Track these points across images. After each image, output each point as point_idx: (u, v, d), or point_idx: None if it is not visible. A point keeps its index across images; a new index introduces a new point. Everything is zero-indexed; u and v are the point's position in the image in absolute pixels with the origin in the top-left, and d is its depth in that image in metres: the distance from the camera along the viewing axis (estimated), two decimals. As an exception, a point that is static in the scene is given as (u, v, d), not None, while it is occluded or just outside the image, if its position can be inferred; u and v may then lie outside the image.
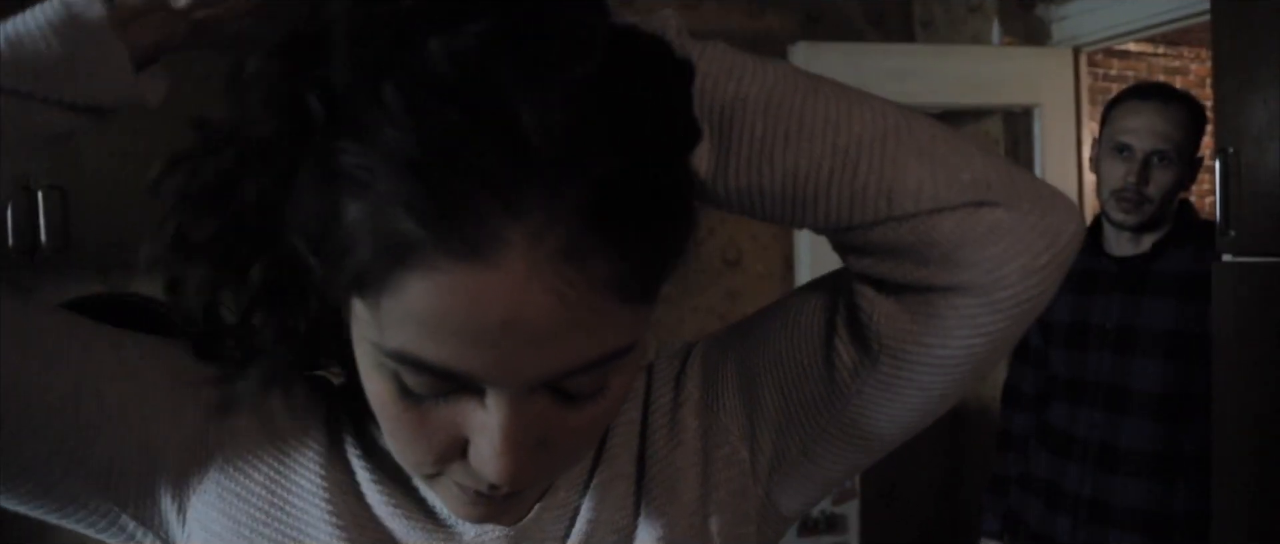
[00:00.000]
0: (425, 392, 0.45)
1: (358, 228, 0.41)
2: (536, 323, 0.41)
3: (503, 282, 0.40)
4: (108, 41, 0.52)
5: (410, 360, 0.43)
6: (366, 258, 0.41)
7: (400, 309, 0.42)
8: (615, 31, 0.43)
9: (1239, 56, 1.61)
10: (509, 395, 0.44)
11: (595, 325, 0.43)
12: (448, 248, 0.40)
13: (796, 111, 0.50)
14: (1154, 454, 1.75)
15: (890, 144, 0.50)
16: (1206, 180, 1.82)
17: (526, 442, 0.45)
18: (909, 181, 0.50)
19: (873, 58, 2.82)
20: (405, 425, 0.47)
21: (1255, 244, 1.59)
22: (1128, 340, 1.79)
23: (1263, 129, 1.57)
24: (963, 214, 0.50)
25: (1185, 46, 5.14)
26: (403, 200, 0.39)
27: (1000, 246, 0.50)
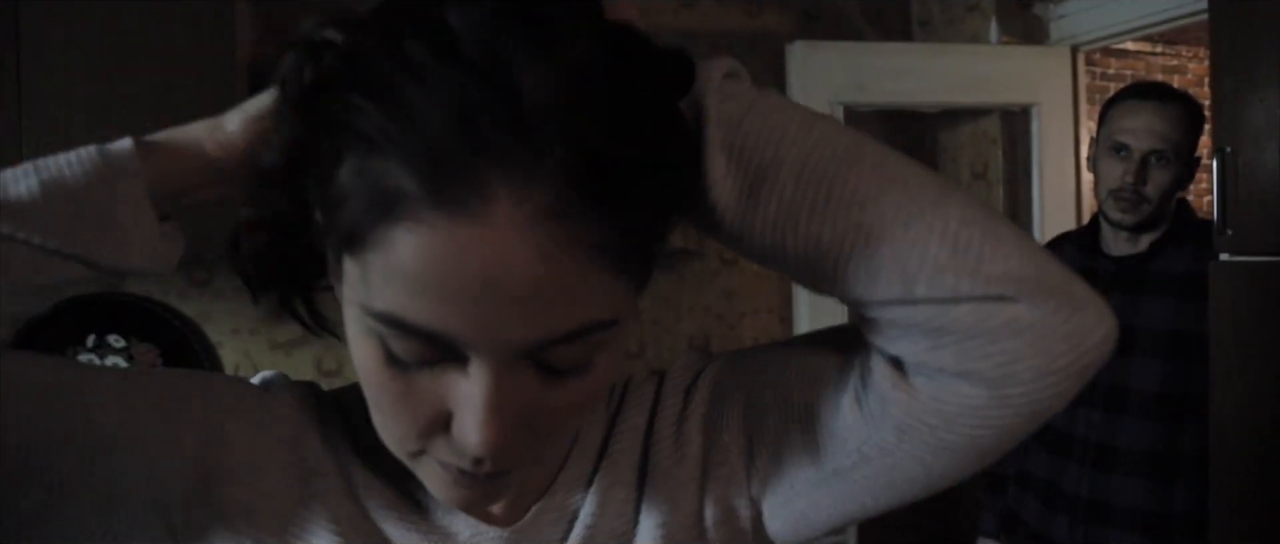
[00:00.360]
0: (411, 359, 0.45)
1: (353, 182, 0.43)
2: (518, 281, 0.42)
3: (486, 236, 0.41)
4: (144, 206, 0.52)
5: (395, 322, 0.44)
6: (358, 212, 0.43)
7: (387, 266, 0.43)
8: (615, 22, 0.45)
9: (1237, 56, 1.61)
10: (492, 364, 0.44)
11: (577, 291, 0.44)
12: (436, 202, 0.41)
13: (827, 182, 0.49)
14: (1152, 454, 1.75)
15: (915, 227, 0.49)
16: (1204, 179, 1.81)
17: (509, 414, 0.45)
18: (927, 268, 0.49)
19: (870, 56, 2.82)
20: (390, 396, 0.47)
21: (1253, 243, 1.59)
22: (1126, 340, 1.77)
23: (1261, 128, 1.56)
24: (980, 306, 0.49)
25: (1183, 46, 5.14)
26: (398, 155, 0.41)
27: (1016, 343, 0.49)
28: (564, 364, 0.47)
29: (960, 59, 2.84)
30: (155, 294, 2.42)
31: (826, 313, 2.81)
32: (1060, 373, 0.50)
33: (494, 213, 0.41)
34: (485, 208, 0.41)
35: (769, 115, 0.51)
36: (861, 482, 0.57)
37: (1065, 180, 2.90)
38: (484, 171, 0.41)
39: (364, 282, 0.45)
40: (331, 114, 0.44)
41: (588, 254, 0.43)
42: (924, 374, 0.52)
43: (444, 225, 0.41)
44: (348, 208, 0.44)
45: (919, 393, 0.52)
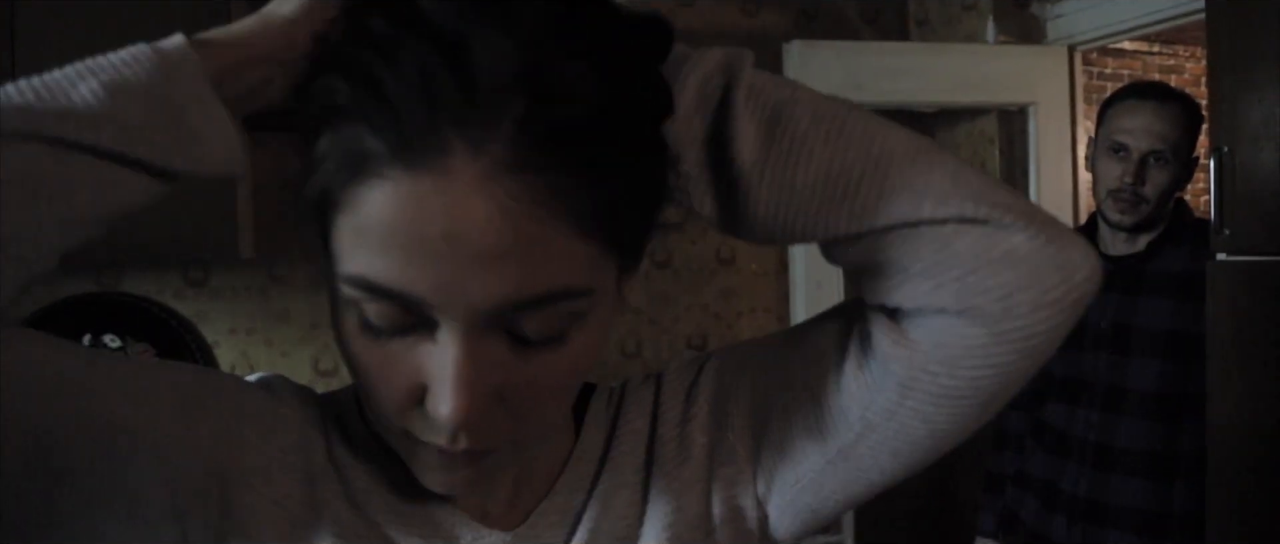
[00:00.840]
0: (383, 324, 0.46)
1: (326, 151, 0.46)
2: (481, 236, 0.43)
3: (446, 189, 0.42)
4: (214, 102, 0.50)
5: (364, 284, 0.45)
6: (330, 177, 0.46)
7: (355, 226, 0.45)
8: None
9: (1234, 55, 1.61)
10: (460, 330, 0.45)
11: (544, 251, 0.44)
12: (397, 158, 0.43)
13: (840, 119, 0.53)
14: (1150, 454, 1.75)
15: (921, 159, 0.53)
16: (1201, 179, 1.81)
17: (480, 385, 0.46)
18: (933, 190, 0.52)
19: (867, 56, 2.81)
20: (369, 366, 0.48)
21: (1250, 243, 1.59)
22: (1124, 340, 1.79)
23: (1258, 128, 1.56)
24: (982, 232, 0.51)
25: (1180, 45, 5.14)
26: (365, 119, 0.44)
27: (1014, 274, 0.51)
28: (536, 334, 0.47)
29: (957, 58, 2.84)
30: (151, 294, 2.42)
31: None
32: (1055, 305, 0.52)
33: (452, 166, 0.42)
34: (443, 161, 0.42)
35: (777, 75, 0.55)
36: (867, 454, 0.58)
37: (1062, 180, 2.91)
38: (442, 128, 0.42)
39: (338, 249, 0.46)
40: (313, 104, 0.47)
41: (550, 211, 0.44)
42: (923, 320, 0.54)
43: (405, 179, 0.43)
44: (319, 178, 0.46)
45: (919, 344, 0.54)
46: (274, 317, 2.53)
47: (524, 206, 0.43)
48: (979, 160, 3.06)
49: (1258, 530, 1.60)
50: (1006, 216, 0.51)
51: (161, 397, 0.53)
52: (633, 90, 0.47)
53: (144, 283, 2.42)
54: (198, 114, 0.49)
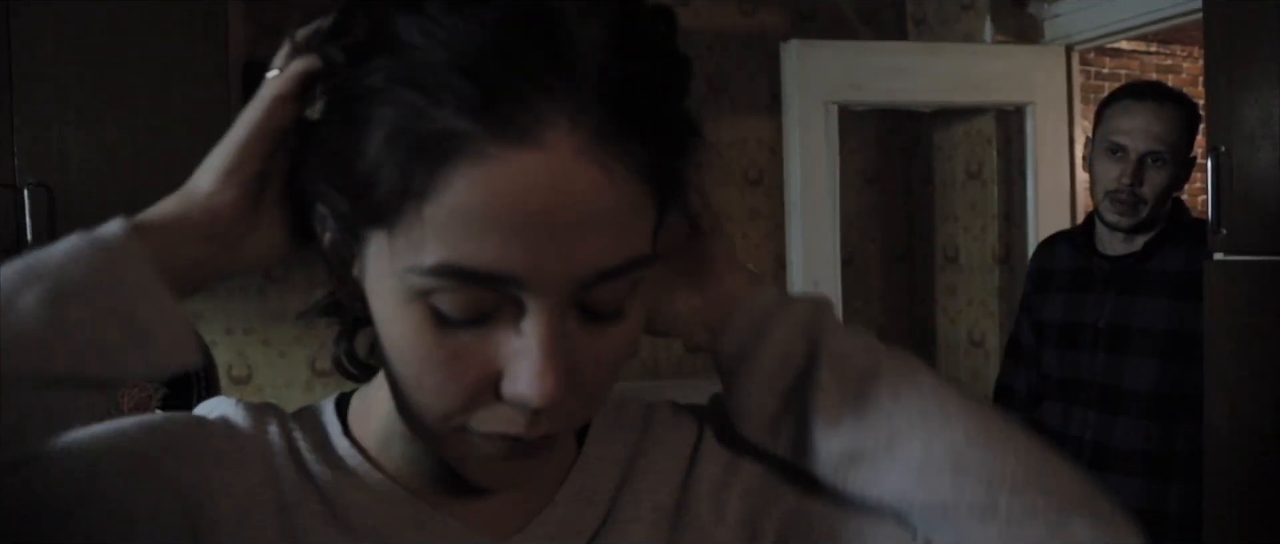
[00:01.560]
0: (462, 315, 0.45)
1: (386, 144, 0.43)
2: (580, 205, 0.43)
3: (549, 162, 0.42)
4: (163, 295, 0.48)
5: (453, 271, 0.43)
6: (401, 170, 0.43)
7: (444, 212, 0.43)
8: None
9: (1232, 55, 1.61)
10: (548, 306, 0.44)
11: (629, 218, 0.45)
12: (492, 134, 0.42)
13: (919, 395, 0.57)
14: (1147, 453, 1.75)
15: (996, 442, 0.56)
16: (1198, 179, 1.81)
17: (561, 363, 0.45)
18: (1007, 481, 0.54)
19: (865, 55, 2.81)
20: (436, 363, 0.46)
21: (1247, 243, 1.59)
22: (1120, 339, 1.79)
23: (1254, 128, 1.57)
24: (1051, 529, 0.55)
25: (1177, 45, 5.15)
26: (447, 96, 0.42)
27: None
28: (606, 307, 0.47)
29: (955, 58, 2.84)
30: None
31: (821, 312, 2.81)
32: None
33: (551, 137, 0.42)
34: (543, 133, 0.42)
35: (860, 336, 0.59)
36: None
37: (1060, 179, 2.91)
38: (536, 99, 0.42)
39: (409, 243, 0.44)
40: (348, 92, 0.45)
41: (636, 178, 0.44)
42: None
43: (506, 155, 0.42)
44: (384, 174, 0.44)
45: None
46: (271, 316, 2.53)
47: (618, 174, 0.43)
48: (976, 160, 3.07)
49: (1254, 530, 1.60)
50: (1077, 509, 0.56)
51: (109, 475, 0.51)
52: (674, 64, 0.48)
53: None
54: (148, 310, 0.47)
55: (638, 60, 0.44)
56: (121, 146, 2.00)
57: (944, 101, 2.90)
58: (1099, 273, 1.85)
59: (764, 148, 3.02)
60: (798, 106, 2.75)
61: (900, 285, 3.33)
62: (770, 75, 2.87)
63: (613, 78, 0.43)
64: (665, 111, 0.47)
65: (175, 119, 2.03)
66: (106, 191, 1.98)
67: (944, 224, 3.24)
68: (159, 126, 2.02)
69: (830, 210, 2.81)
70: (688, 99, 0.50)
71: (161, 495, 0.52)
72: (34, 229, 1.93)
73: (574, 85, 0.42)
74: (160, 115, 2.02)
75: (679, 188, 0.50)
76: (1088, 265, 1.87)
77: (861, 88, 2.78)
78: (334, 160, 0.46)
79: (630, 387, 2.70)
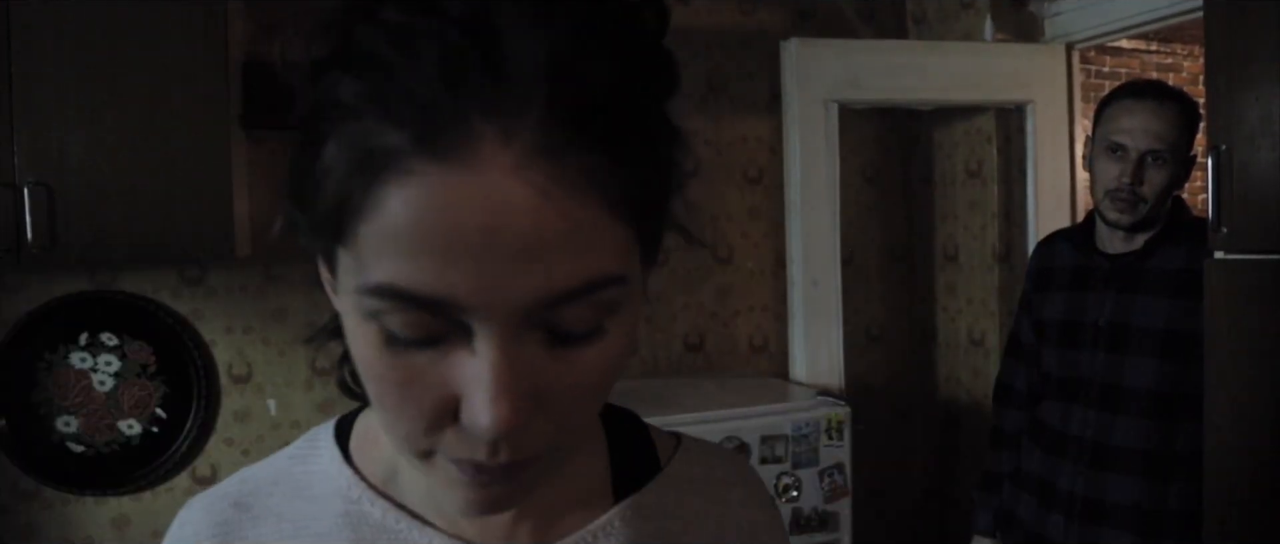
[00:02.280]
0: (411, 335, 0.43)
1: (335, 156, 0.42)
2: (518, 226, 0.40)
3: (479, 181, 0.40)
4: None
5: (392, 292, 0.42)
6: (344, 183, 0.42)
7: (380, 230, 0.41)
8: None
9: (1232, 53, 1.60)
10: (498, 332, 0.42)
11: (582, 238, 0.42)
12: (423, 150, 0.40)
13: None
14: (1147, 452, 1.75)
15: None
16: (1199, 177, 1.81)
17: (519, 389, 0.43)
18: None
19: (865, 54, 2.81)
20: (392, 384, 0.45)
21: (1247, 241, 1.59)
22: (1120, 338, 1.78)
23: (1255, 126, 1.56)
24: None
25: (1178, 43, 5.15)
26: (381, 112, 0.41)
27: None
28: (576, 327, 0.44)
29: (955, 56, 2.84)
30: (148, 292, 2.41)
31: (820, 313, 2.81)
32: None
33: (483, 154, 0.40)
34: (474, 148, 0.40)
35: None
36: None
37: (1060, 178, 2.91)
38: (469, 115, 0.40)
39: (356, 261, 0.43)
40: (315, 105, 0.44)
41: (586, 195, 0.42)
42: None
43: (434, 172, 0.40)
44: (331, 183, 0.43)
45: None
46: (271, 315, 2.53)
47: (560, 192, 0.41)
48: (976, 159, 3.07)
49: (1254, 529, 1.60)
50: None
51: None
52: (648, 67, 0.46)
53: (140, 281, 2.41)
54: None
55: (596, 69, 0.42)
56: (121, 145, 2.00)
57: (944, 100, 2.90)
58: (1099, 271, 1.85)
59: (764, 146, 3.02)
60: (797, 105, 2.75)
61: (900, 284, 3.33)
62: (770, 74, 2.87)
63: (560, 90, 0.41)
64: (630, 120, 0.44)
65: (175, 118, 2.03)
66: (106, 190, 1.98)
67: (944, 222, 3.23)
68: (159, 126, 2.02)
69: (830, 209, 2.81)
70: (671, 101, 0.48)
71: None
72: (34, 228, 1.93)
73: (509, 99, 0.40)
74: (160, 114, 2.02)
75: (656, 199, 0.48)
76: (1088, 264, 1.87)
77: (861, 86, 2.78)
78: (296, 176, 0.46)
79: (631, 386, 2.70)
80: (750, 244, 3.03)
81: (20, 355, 2.30)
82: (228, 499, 0.60)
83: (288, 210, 0.48)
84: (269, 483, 0.61)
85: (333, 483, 0.59)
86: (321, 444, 0.62)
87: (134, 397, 2.40)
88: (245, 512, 0.59)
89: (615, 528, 0.61)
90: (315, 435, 0.62)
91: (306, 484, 0.60)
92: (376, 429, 0.60)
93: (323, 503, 0.59)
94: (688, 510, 0.64)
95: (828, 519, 2.45)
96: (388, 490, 0.58)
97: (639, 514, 0.62)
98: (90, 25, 1.97)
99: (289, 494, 0.60)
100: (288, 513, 0.59)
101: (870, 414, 3.06)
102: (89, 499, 2.39)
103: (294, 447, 0.63)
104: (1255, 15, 1.56)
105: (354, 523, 0.58)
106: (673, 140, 0.48)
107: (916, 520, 3.35)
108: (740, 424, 2.34)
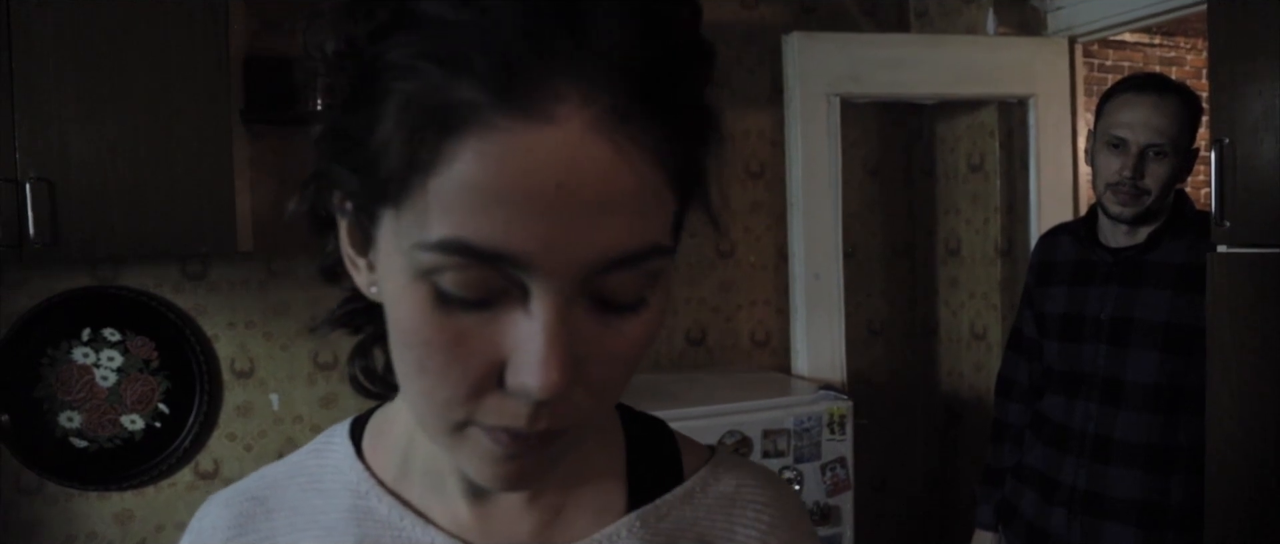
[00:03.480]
0: (466, 294, 0.43)
1: (400, 116, 0.42)
2: (593, 185, 0.41)
3: (559, 137, 0.41)
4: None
5: (458, 247, 0.42)
6: (411, 142, 0.42)
7: (450, 184, 0.41)
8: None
9: (1235, 47, 1.60)
10: (555, 291, 0.43)
11: (644, 204, 0.43)
12: (505, 107, 0.41)
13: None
14: (1149, 446, 1.75)
15: None
16: (1202, 171, 1.81)
17: (568, 355, 0.43)
18: None
19: (867, 48, 2.81)
20: (439, 347, 0.44)
21: (1250, 235, 1.59)
22: (1123, 332, 1.78)
23: (1258, 120, 1.56)
24: None
25: (1181, 37, 5.13)
26: (463, 69, 0.41)
27: None
28: (622, 296, 0.45)
29: (957, 50, 2.84)
30: (150, 287, 2.42)
31: (822, 307, 2.81)
32: None
33: (563, 113, 0.41)
34: (554, 108, 0.41)
35: None
36: None
37: (1062, 172, 2.90)
38: (550, 73, 0.41)
39: (416, 218, 0.43)
40: (369, 69, 0.44)
41: (651, 162, 0.43)
42: None
43: (516, 128, 0.41)
44: (394, 146, 0.43)
45: None
46: (273, 310, 2.53)
47: (632, 154, 0.42)
48: (979, 153, 3.06)
49: (1256, 523, 1.60)
50: None
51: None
52: (697, 49, 0.47)
53: (142, 276, 2.42)
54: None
55: (659, 42, 0.43)
56: (123, 141, 2.00)
57: (946, 94, 2.89)
58: (1101, 265, 1.84)
59: (765, 140, 3.02)
60: (799, 99, 2.75)
61: (902, 278, 3.33)
62: (772, 68, 2.87)
63: (632, 57, 0.42)
64: (685, 98, 0.45)
65: (176, 113, 2.03)
66: (108, 186, 1.99)
67: (946, 216, 3.23)
68: (160, 121, 2.02)
69: (832, 203, 2.81)
70: (709, 90, 0.49)
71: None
72: (36, 224, 1.93)
73: (590, 61, 0.41)
74: (162, 110, 2.02)
75: (700, 179, 0.49)
76: (1090, 258, 1.87)
77: (863, 80, 2.77)
78: (348, 139, 0.46)
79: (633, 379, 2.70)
80: (752, 238, 3.02)
81: (23, 351, 2.31)
82: (246, 494, 0.62)
83: (337, 180, 0.48)
84: (285, 478, 0.62)
85: (343, 478, 0.60)
86: (336, 440, 0.62)
87: (137, 392, 2.40)
88: (261, 505, 0.61)
89: (623, 538, 0.60)
90: (332, 432, 0.63)
91: (319, 478, 0.61)
92: (389, 425, 0.60)
93: (333, 497, 0.60)
94: (707, 527, 0.62)
95: (830, 513, 2.45)
96: (396, 487, 0.59)
97: (650, 527, 0.61)
98: (91, 21, 1.97)
99: (303, 487, 0.61)
100: (300, 506, 0.60)
101: (872, 408, 3.06)
102: (92, 494, 2.40)
103: (312, 443, 0.64)
104: (1259, 8, 1.55)
105: (360, 518, 0.58)
106: (715, 125, 0.49)
107: (918, 514, 3.35)
108: (742, 419, 2.34)
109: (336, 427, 0.64)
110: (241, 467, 2.47)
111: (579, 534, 0.59)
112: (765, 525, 0.64)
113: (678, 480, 0.63)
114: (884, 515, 3.28)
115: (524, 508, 0.59)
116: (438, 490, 0.58)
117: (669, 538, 0.61)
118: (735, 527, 0.63)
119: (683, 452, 0.66)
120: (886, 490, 3.28)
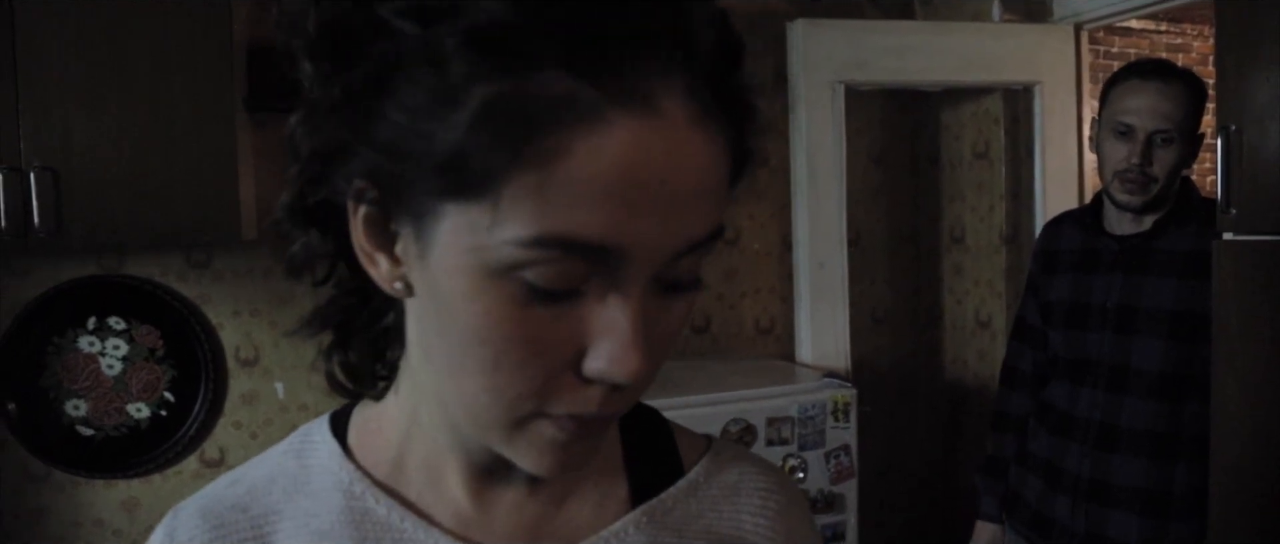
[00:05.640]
0: (556, 287, 0.43)
1: (485, 111, 0.41)
2: (688, 177, 0.44)
3: (669, 133, 0.42)
4: None
5: (558, 242, 0.42)
6: (503, 137, 0.41)
7: (560, 179, 0.41)
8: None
9: (1242, 33, 1.59)
10: (641, 279, 0.44)
11: (717, 191, 0.46)
12: (619, 102, 0.41)
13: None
14: (1154, 434, 1.75)
15: None
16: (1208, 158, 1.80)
17: (646, 337, 0.45)
18: None
19: (872, 35, 2.80)
20: (518, 341, 0.44)
21: (1256, 223, 1.58)
22: (1128, 319, 1.78)
23: (1265, 107, 1.55)
24: None
25: (1187, 23, 5.11)
26: (559, 63, 0.41)
27: None
28: (682, 278, 0.47)
29: (963, 37, 2.83)
30: (155, 276, 2.42)
31: (826, 295, 2.81)
32: None
33: (667, 106, 0.42)
34: (661, 101, 0.42)
35: None
36: None
37: (1068, 159, 2.89)
38: (655, 67, 0.42)
39: (502, 214, 0.42)
40: (420, 59, 0.42)
41: (725, 152, 0.46)
42: None
43: (628, 123, 0.41)
44: (478, 144, 0.41)
45: None
46: (277, 298, 2.53)
47: (719, 145, 0.45)
48: (984, 140, 3.05)
49: (1260, 511, 1.60)
50: None
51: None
52: (742, 46, 0.50)
53: (147, 265, 2.42)
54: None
55: (729, 36, 0.46)
56: (126, 129, 2.00)
57: (951, 81, 2.89)
58: (1106, 253, 1.84)
59: (770, 128, 3.01)
60: (804, 86, 2.74)
61: (906, 266, 3.32)
62: (776, 55, 2.86)
63: (718, 52, 0.45)
64: (743, 88, 0.48)
65: (179, 101, 2.03)
66: (111, 174, 1.99)
67: (951, 204, 3.23)
68: (164, 109, 2.02)
69: (836, 190, 2.81)
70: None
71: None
72: (41, 212, 1.94)
73: (691, 56, 0.43)
74: (165, 97, 2.02)
75: (749, 166, 0.51)
76: (1095, 245, 1.87)
77: (868, 67, 2.76)
78: (404, 133, 0.43)
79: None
80: (756, 226, 3.02)
81: (29, 340, 2.31)
82: (225, 503, 0.58)
83: (372, 174, 0.45)
84: (265, 481, 0.59)
85: (332, 477, 0.58)
86: (317, 438, 0.60)
87: (142, 380, 2.41)
88: (244, 513, 0.57)
89: (629, 534, 0.59)
90: (308, 430, 0.61)
91: (304, 480, 0.58)
92: (379, 422, 0.59)
93: (323, 499, 0.57)
94: (713, 519, 0.62)
95: (834, 500, 2.46)
96: (391, 485, 0.57)
97: (656, 522, 0.60)
98: (95, 10, 1.97)
99: (287, 491, 0.58)
100: (287, 510, 0.57)
101: (876, 396, 3.06)
102: (98, 482, 2.41)
103: (285, 443, 0.61)
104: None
105: (357, 520, 0.56)
106: (757, 112, 0.51)
107: (922, 502, 3.36)
108: (746, 406, 2.35)
109: (311, 425, 0.61)
110: (247, 454, 2.47)
111: (581, 525, 0.59)
112: (773, 512, 0.64)
113: (677, 470, 0.63)
114: (888, 503, 3.28)
115: (526, 498, 0.58)
116: (436, 485, 0.57)
117: (676, 532, 0.60)
118: (742, 516, 0.63)
119: (679, 440, 0.65)
120: (890, 478, 3.28)
